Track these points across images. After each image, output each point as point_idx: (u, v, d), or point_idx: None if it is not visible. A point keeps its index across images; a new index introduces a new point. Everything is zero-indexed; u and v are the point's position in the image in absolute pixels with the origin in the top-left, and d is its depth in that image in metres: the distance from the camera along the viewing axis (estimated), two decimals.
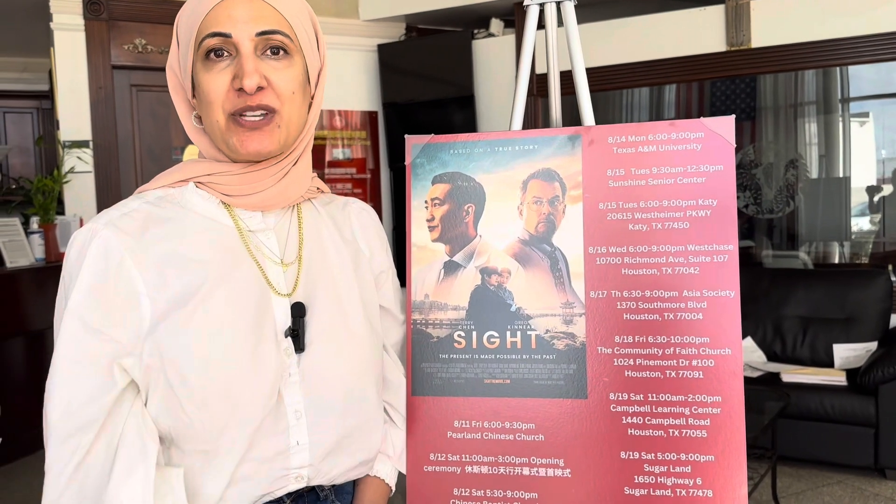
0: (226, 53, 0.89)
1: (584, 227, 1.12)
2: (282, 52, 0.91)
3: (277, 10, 0.91)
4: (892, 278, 4.10)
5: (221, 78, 0.89)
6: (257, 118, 0.90)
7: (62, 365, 0.86)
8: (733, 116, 1.09)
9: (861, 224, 6.03)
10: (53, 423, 0.85)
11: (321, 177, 4.86)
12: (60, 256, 4.09)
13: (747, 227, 5.93)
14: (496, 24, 4.77)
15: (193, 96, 0.95)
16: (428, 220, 1.17)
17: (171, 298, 0.88)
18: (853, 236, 5.96)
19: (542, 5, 1.21)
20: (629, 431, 1.08)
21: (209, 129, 0.93)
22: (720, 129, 1.09)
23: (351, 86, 4.92)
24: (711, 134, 1.09)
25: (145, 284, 0.88)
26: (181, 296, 0.89)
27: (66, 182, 4.13)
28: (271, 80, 0.90)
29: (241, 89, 0.88)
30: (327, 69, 1.01)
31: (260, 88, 0.89)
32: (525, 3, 1.20)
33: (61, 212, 4.21)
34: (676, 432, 1.07)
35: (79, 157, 4.16)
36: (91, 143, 4.20)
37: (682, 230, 1.09)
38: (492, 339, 1.13)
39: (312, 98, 0.98)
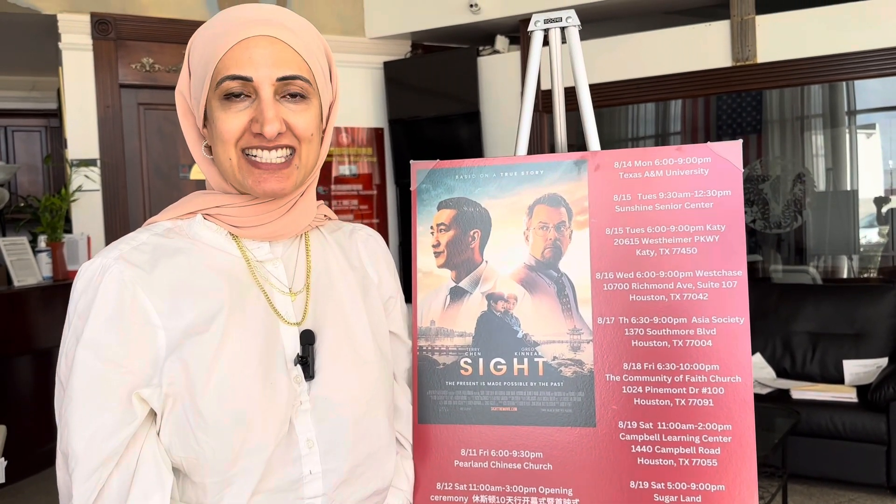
0: (243, 95, 0.89)
1: (590, 252, 1.11)
2: (299, 97, 0.91)
3: (297, 52, 0.90)
4: None
5: (239, 118, 0.89)
6: (277, 160, 0.90)
7: (81, 398, 0.86)
8: (740, 141, 1.08)
9: (870, 236, 6.00)
10: (78, 457, 0.85)
11: (328, 193, 4.87)
12: (68, 275, 4.10)
13: (755, 241, 5.91)
14: (501, 41, 4.78)
15: (204, 126, 0.95)
16: (434, 246, 1.16)
17: (184, 329, 0.89)
18: (862, 249, 5.93)
19: (546, 30, 1.21)
20: (639, 460, 1.06)
21: (221, 165, 0.93)
22: (727, 154, 1.08)
23: (357, 103, 4.94)
24: (719, 159, 1.08)
25: (159, 316, 0.88)
26: (194, 326, 0.89)
27: (74, 200, 4.14)
28: (290, 122, 0.90)
29: (259, 134, 0.89)
30: (339, 98, 1.01)
31: (279, 134, 0.89)
32: (529, 29, 1.20)
33: (69, 230, 4.23)
34: (686, 461, 1.05)
35: (86, 176, 4.17)
36: (99, 162, 4.22)
37: (690, 256, 1.08)
38: (499, 366, 1.12)
39: (324, 132, 0.98)
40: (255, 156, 0.90)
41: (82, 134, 4.21)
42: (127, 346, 0.87)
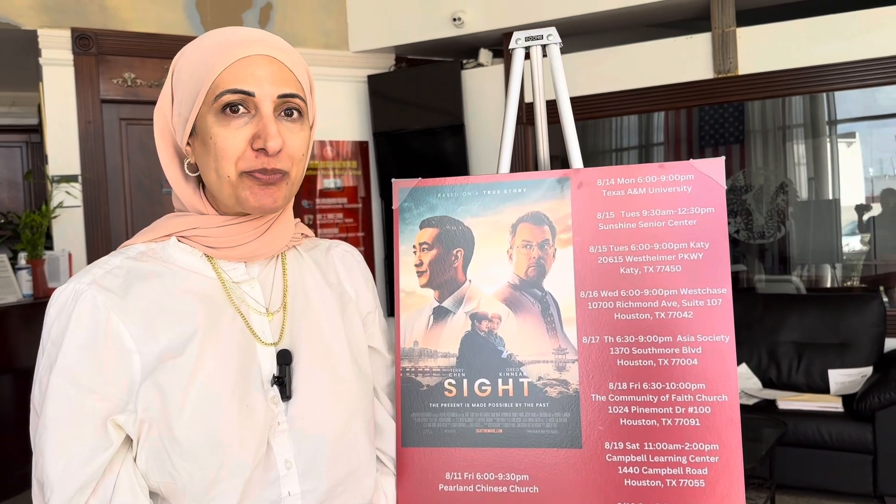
0: (242, 110, 0.89)
1: (574, 270, 1.10)
2: (296, 115, 0.93)
3: (293, 72, 0.93)
4: (884, 299, 4.09)
5: (240, 134, 0.89)
6: (272, 177, 0.91)
7: (55, 426, 0.85)
8: (723, 158, 1.08)
9: (852, 244, 6.05)
10: (54, 486, 0.85)
11: (313, 207, 4.85)
12: (49, 292, 4.05)
13: (739, 252, 5.93)
14: (485, 55, 4.79)
15: (188, 144, 0.94)
16: (416, 266, 1.15)
17: (159, 353, 0.88)
18: (844, 257, 5.97)
19: (527, 48, 1.20)
20: (626, 482, 1.05)
21: (214, 181, 0.91)
22: (710, 171, 1.07)
23: (341, 116, 4.93)
24: (701, 176, 1.07)
25: (134, 341, 0.88)
26: (169, 350, 0.89)
27: (55, 217, 4.10)
28: (287, 141, 0.91)
29: (261, 149, 0.89)
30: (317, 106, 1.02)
31: (280, 150, 0.90)
32: (510, 47, 1.19)
33: (50, 247, 4.18)
34: (674, 482, 1.04)
35: (67, 192, 4.13)
36: (80, 178, 4.17)
37: (674, 273, 1.07)
38: (483, 387, 1.11)
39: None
40: (256, 175, 0.90)
41: (63, 150, 4.17)
42: (101, 372, 0.86)
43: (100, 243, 4.20)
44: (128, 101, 4.32)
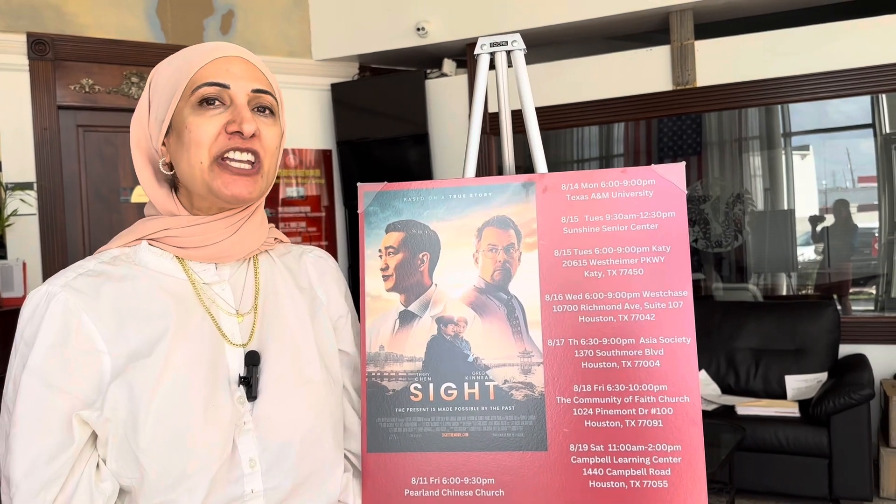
0: (218, 102, 0.94)
1: (539, 274, 1.11)
2: (268, 112, 0.98)
3: (265, 74, 0.99)
4: (838, 307, 4.20)
5: (214, 122, 0.94)
6: (245, 166, 0.94)
7: (23, 423, 0.87)
8: (683, 164, 1.10)
9: (807, 254, 6.20)
10: (18, 482, 0.87)
11: (275, 216, 4.81)
12: (2, 302, 3.94)
13: (697, 260, 6.03)
14: (448, 65, 4.82)
15: (163, 144, 0.97)
16: (382, 270, 1.15)
17: (130, 353, 0.90)
18: (800, 267, 6.11)
19: (492, 54, 1.22)
20: (590, 483, 1.06)
21: (186, 171, 0.95)
22: (671, 176, 1.10)
23: (304, 124, 4.90)
24: (663, 181, 1.10)
25: (105, 341, 0.90)
26: (139, 349, 0.91)
27: (9, 225, 4.00)
28: (261, 132, 0.96)
29: (236, 133, 0.93)
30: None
31: (253, 135, 0.94)
32: (475, 52, 1.21)
33: (3, 256, 4.07)
34: (637, 483, 1.05)
35: (22, 200, 4.04)
36: (35, 185, 4.08)
37: (637, 277, 1.09)
38: (449, 391, 1.11)
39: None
40: (229, 159, 0.94)
41: (18, 156, 4.07)
42: (72, 371, 0.89)
43: (56, 252, 4.11)
44: (85, 108, 4.24)
